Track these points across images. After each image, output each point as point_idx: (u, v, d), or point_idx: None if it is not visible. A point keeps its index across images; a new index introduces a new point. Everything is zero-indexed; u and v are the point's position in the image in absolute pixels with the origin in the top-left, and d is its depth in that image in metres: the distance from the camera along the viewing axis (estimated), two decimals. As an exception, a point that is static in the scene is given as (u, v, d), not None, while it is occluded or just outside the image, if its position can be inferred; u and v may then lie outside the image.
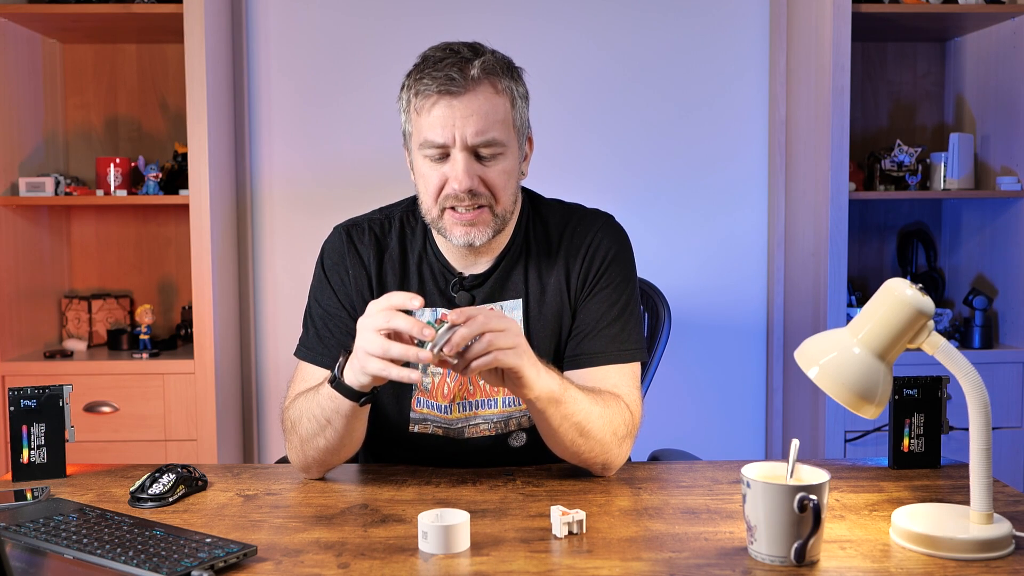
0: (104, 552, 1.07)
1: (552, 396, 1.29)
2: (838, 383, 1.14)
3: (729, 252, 2.97)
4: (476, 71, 1.34)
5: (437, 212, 1.40)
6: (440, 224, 1.41)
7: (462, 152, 1.35)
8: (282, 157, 2.91)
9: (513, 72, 1.41)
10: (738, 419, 3.00)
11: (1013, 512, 1.22)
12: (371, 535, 1.17)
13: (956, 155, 2.72)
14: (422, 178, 1.40)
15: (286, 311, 2.93)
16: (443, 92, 1.33)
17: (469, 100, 1.34)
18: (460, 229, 1.39)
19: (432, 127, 1.35)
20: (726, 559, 1.09)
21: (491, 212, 1.39)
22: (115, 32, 2.78)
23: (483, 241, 1.40)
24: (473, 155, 1.36)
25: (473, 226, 1.38)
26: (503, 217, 1.41)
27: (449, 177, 1.36)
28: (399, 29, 2.88)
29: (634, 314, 1.48)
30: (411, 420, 1.48)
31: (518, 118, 1.41)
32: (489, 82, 1.36)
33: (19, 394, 1.40)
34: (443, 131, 1.34)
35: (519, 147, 1.43)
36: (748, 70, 2.93)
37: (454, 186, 1.35)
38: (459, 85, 1.33)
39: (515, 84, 1.40)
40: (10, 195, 2.61)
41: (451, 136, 1.34)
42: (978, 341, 2.68)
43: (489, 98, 1.35)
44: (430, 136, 1.35)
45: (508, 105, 1.38)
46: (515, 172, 1.42)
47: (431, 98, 1.34)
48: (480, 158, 1.37)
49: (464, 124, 1.34)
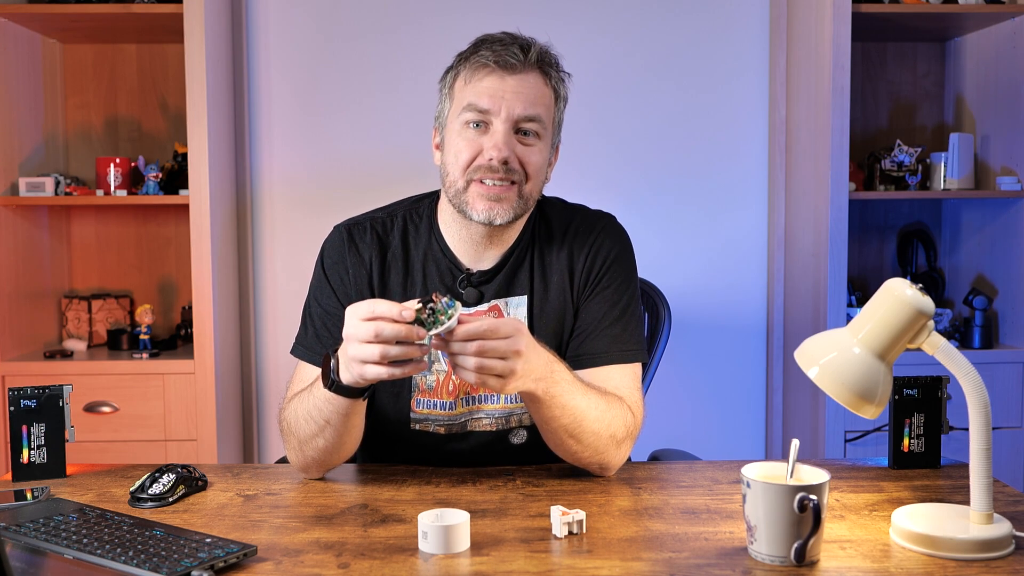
0: (104, 552, 1.07)
1: (533, 396, 1.28)
2: (838, 383, 1.14)
3: (729, 252, 2.97)
4: (534, 56, 1.40)
5: (463, 183, 1.40)
6: (464, 197, 1.40)
7: (504, 124, 1.38)
8: (282, 157, 2.91)
9: (563, 73, 1.46)
10: (738, 419, 3.00)
11: (1013, 512, 1.22)
12: (371, 535, 1.17)
13: (956, 155, 2.72)
14: (454, 148, 1.41)
15: (286, 311, 2.93)
16: (500, 64, 1.38)
17: (521, 79, 1.39)
18: (484, 203, 1.39)
19: (479, 94, 1.38)
20: (726, 559, 1.09)
21: (519, 191, 1.40)
22: (115, 32, 2.78)
23: (504, 220, 1.40)
24: (513, 132, 1.39)
25: (499, 202, 1.39)
26: (527, 200, 1.42)
27: (486, 147, 1.38)
28: (399, 29, 2.88)
29: (635, 315, 1.48)
30: (411, 419, 1.47)
31: (556, 117, 1.46)
32: (543, 71, 1.41)
33: (19, 394, 1.40)
34: (491, 100, 1.38)
35: (551, 144, 1.46)
36: (748, 70, 2.93)
37: (492, 154, 1.37)
38: (517, 61, 1.38)
39: (561, 85, 1.46)
40: (10, 195, 2.61)
41: (498, 107, 1.37)
42: (978, 341, 2.68)
43: (538, 84, 1.41)
44: (475, 100, 1.38)
45: (552, 99, 1.44)
46: (546, 162, 1.45)
47: (486, 68, 1.38)
48: (519, 138, 1.39)
49: (513, 99, 1.38)
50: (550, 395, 1.29)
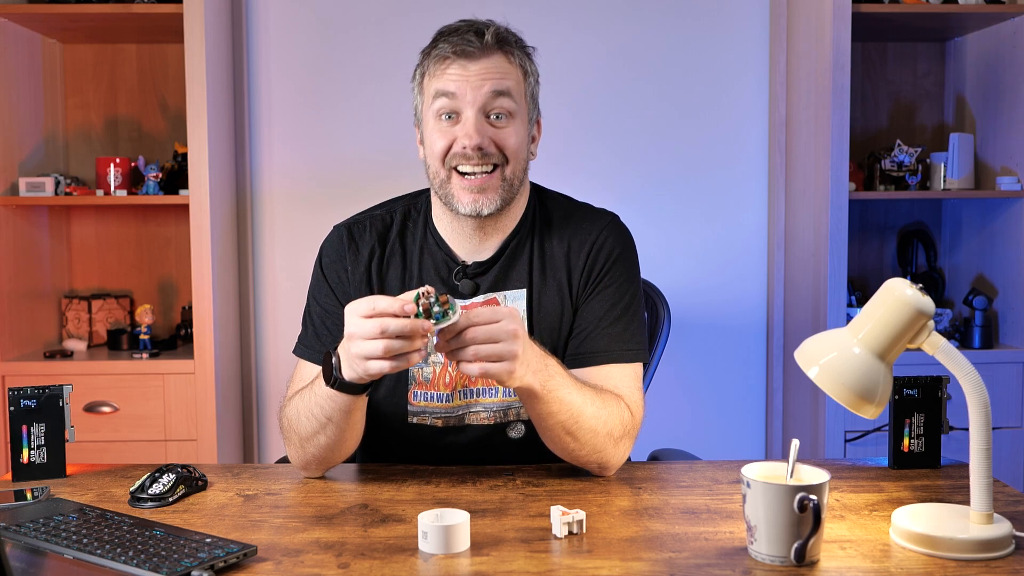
0: (104, 552, 1.07)
1: (531, 391, 1.28)
2: (838, 383, 1.14)
3: (729, 252, 2.97)
4: (490, 38, 1.40)
5: (445, 174, 1.41)
6: (448, 189, 1.42)
7: (473, 110, 1.38)
8: (282, 157, 2.91)
9: (525, 49, 1.47)
10: (738, 419, 3.00)
11: (1013, 512, 1.22)
12: (371, 535, 1.17)
13: (956, 155, 2.72)
14: (430, 140, 1.43)
15: (286, 311, 2.93)
16: (459, 54, 1.38)
17: (483, 63, 1.39)
18: (468, 196, 1.40)
19: (445, 83, 1.39)
20: (726, 559, 1.09)
21: (500, 175, 1.40)
22: (115, 32, 2.78)
23: (491, 210, 1.41)
24: (484, 117, 1.39)
25: (482, 192, 1.40)
26: (511, 183, 1.42)
27: (459, 135, 1.39)
28: (399, 29, 2.88)
29: (637, 315, 1.48)
30: (409, 412, 1.47)
31: (528, 92, 1.46)
32: (503, 51, 1.42)
33: (19, 394, 1.40)
34: (457, 86, 1.38)
35: (529, 120, 1.46)
36: (748, 70, 2.93)
37: (464, 142, 1.38)
38: (475, 47, 1.38)
39: (527, 60, 1.46)
40: (10, 195, 2.61)
41: (463, 92, 1.38)
42: (978, 341, 2.68)
43: (502, 64, 1.41)
44: (441, 87, 1.39)
45: (520, 75, 1.43)
46: (524, 140, 1.44)
47: (447, 60, 1.39)
48: (491, 122, 1.40)
49: (478, 83, 1.38)
50: (547, 389, 1.29)
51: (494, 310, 1.22)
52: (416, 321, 1.17)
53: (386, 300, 1.18)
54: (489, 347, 1.20)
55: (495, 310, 1.22)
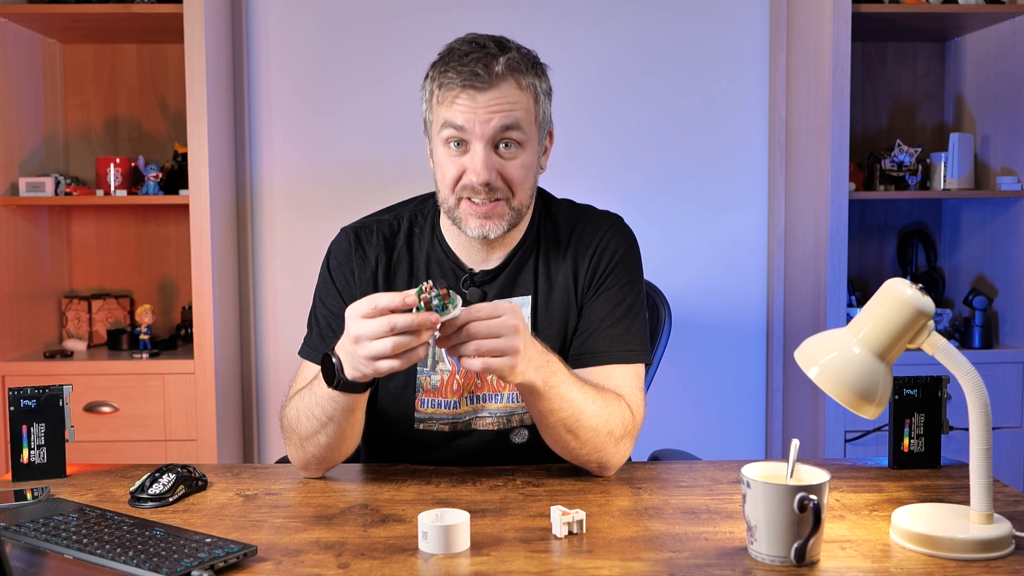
0: (104, 552, 1.07)
1: (533, 387, 1.28)
2: (838, 383, 1.14)
3: (729, 252, 2.97)
4: (501, 67, 1.36)
5: (454, 201, 1.41)
6: (456, 213, 1.41)
7: (482, 144, 1.36)
8: (282, 157, 2.91)
9: (538, 68, 1.43)
10: (738, 419, 3.00)
11: (1013, 512, 1.22)
12: (371, 535, 1.17)
13: (956, 155, 2.72)
14: (440, 167, 1.41)
15: (286, 311, 2.93)
16: (467, 86, 1.35)
17: (492, 95, 1.35)
18: (476, 221, 1.40)
19: (454, 114, 1.36)
20: (726, 559, 1.09)
21: (507, 205, 1.40)
22: (115, 32, 2.78)
23: (498, 234, 1.41)
24: (492, 148, 1.37)
25: (488, 219, 1.39)
26: (519, 211, 1.42)
27: (468, 168, 1.37)
28: (400, 29, 2.88)
29: (639, 315, 1.48)
30: (415, 419, 1.48)
31: (540, 114, 1.43)
32: (513, 79, 1.37)
33: (19, 394, 1.40)
34: (465, 118, 1.36)
35: (539, 142, 1.45)
36: (748, 70, 2.93)
37: (472, 178, 1.37)
38: (483, 80, 1.35)
39: (539, 80, 1.42)
40: (10, 195, 2.61)
41: (472, 125, 1.35)
42: (978, 341, 2.68)
43: (512, 94, 1.37)
44: (450, 118, 1.36)
45: (531, 101, 1.40)
46: (533, 167, 1.43)
47: (454, 91, 1.36)
48: (500, 152, 1.38)
49: (486, 118, 1.35)
50: (549, 385, 1.29)
51: (495, 305, 1.23)
52: (423, 314, 1.17)
53: (386, 296, 1.18)
54: (491, 342, 1.20)
55: (496, 305, 1.23)
